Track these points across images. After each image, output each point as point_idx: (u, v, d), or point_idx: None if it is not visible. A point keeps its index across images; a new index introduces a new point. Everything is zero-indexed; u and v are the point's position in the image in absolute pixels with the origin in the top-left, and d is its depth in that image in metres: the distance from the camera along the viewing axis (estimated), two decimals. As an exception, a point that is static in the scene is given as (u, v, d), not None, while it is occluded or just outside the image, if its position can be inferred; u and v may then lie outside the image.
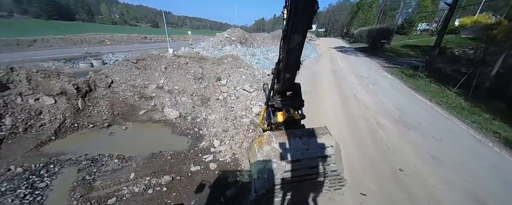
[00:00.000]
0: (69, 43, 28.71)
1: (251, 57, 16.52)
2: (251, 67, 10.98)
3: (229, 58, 10.55)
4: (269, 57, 16.10)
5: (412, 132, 6.34)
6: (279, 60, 3.05)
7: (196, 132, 5.69)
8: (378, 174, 4.40)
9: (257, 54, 17.70)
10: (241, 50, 17.97)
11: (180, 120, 6.00)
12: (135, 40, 40.45)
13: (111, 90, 6.77)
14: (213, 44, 19.98)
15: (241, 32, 23.77)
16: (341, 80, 12.62)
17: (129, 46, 30.56)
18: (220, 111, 6.17)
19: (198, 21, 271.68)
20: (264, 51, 18.34)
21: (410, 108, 8.42)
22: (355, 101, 8.85)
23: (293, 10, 2.09)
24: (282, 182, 2.73)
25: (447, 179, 4.34)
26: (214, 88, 7.83)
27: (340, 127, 6.26)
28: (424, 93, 10.74)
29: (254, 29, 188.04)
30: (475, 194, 4.00)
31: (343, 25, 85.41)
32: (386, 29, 28.47)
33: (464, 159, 5.11)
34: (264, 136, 2.98)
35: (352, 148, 5.29)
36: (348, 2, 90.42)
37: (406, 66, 18.86)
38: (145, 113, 6.18)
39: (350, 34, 59.16)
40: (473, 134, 6.47)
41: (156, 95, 6.82)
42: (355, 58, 22.96)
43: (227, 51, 17.67)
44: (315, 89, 10.18)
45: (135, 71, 7.50)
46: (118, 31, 47.71)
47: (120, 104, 6.34)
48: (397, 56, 25.65)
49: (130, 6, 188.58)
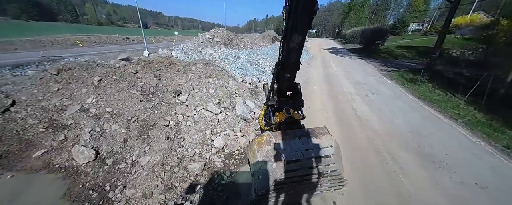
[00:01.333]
0: (38, 45, 25.87)
1: (234, 61, 14.54)
2: (228, 75, 8.96)
3: (199, 64, 8.50)
4: (254, 61, 14.13)
5: (444, 174, 4.46)
6: (279, 60, 2.86)
7: (104, 194, 3.37)
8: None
9: (241, 57, 15.71)
10: (224, 53, 15.94)
11: (92, 167, 3.76)
12: (115, 41, 37.69)
13: (7, 117, 4.63)
14: (194, 46, 17.85)
15: (226, 33, 21.71)
16: (336, 88, 10.77)
17: (106, 48, 27.98)
18: (161, 149, 4.11)
19: (190, 22, 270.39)
20: (249, 54, 16.35)
21: (426, 129, 6.60)
22: (357, 121, 6.97)
23: (293, 10, 2.09)
24: (282, 182, 2.69)
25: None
26: (168, 107, 5.75)
27: (345, 169, 3.75)
28: (433, 104, 9.01)
29: (246, 29, 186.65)
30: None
31: (335, 25, 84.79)
32: (381, 30, 27.05)
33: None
34: (263, 136, 2.93)
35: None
36: (339, 2, 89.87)
37: (404, 69, 17.29)
38: (43, 155, 3.93)
39: (342, 34, 58.17)
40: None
41: (73, 123, 4.67)
42: (349, 60, 21.30)
43: (208, 54, 15.61)
44: (306, 102, 8.21)
45: (53, 87, 5.32)
46: (100, 31, 44.72)
47: (10, 139, 4.21)
48: (392, 57, 24.21)
49: (120, 6, 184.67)
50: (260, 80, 10.74)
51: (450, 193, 3.94)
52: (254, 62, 13.93)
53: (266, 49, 22.26)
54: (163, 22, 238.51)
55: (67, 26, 71.92)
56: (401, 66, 19.07)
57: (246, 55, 16.15)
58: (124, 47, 29.06)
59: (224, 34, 21.17)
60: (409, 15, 44.84)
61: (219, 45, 19.60)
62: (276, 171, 2.64)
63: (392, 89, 11.27)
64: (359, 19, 50.84)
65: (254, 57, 15.31)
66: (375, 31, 26.93)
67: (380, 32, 26.50)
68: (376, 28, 28.16)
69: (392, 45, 31.14)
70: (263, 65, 13.62)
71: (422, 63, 19.58)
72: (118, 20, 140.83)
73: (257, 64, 13.55)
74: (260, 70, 12.04)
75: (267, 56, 16.33)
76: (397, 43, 32.90)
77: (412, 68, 17.47)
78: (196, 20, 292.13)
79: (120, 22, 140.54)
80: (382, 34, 26.35)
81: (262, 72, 11.92)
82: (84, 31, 45.21)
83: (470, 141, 6.04)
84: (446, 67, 17.12)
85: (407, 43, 33.46)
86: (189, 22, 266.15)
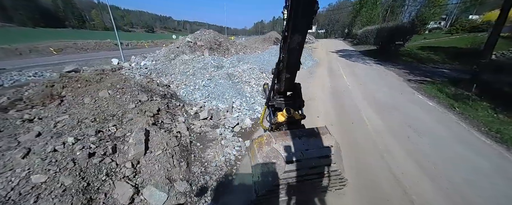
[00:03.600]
0: (11, 54, 23.46)
1: (214, 71, 11.01)
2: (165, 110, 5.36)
3: (103, 92, 4.92)
4: (236, 73, 10.43)
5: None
6: (279, 60, 2.86)
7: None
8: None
9: (225, 66, 12.14)
10: (204, 60, 12.44)
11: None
12: (105, 46, 35.16)
13: None
14: (166, 52, 14.41)
15: (212, 35, 18.18)
16: (352, 119, 6.86)
17: (83, 55, 25.21)
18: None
19: (198, 25, 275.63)
20: (234, 62, 12.68)
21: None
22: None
23: (293, 10, 2.05)
24: (282, 183, 2.65)
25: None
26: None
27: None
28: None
29: (253, 31, 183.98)
30: None
31: (344, 25, 79.80)
32: (403, 28, 22.55)
33: None
34: (263, 136, 2.90)
35: None
36: (348, 1, 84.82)
37: (438, 78, 13.04)
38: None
39: (352, 34, 53.48)
40: None
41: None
42: (364, 66, 17.13)
43: (180, 63, 12.14)
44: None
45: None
46: (97, 37, 42.62)
47: None
48: (417, 61, 19.81)
49: (131, 12, 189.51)
50: (234, 107, 7.02)
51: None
52: (236, 75, 10.23)
53: (260, 55, 18.48)
54: (172, 26, 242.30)
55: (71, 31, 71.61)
56: (432, 73, 14.79)
57: (230, 64, 12.53)
58: (106, 54, 26.13)
59: (210, 37, 17.65)
60: (429, 12, 39.69)
61: (203, 50, 16.09)
62: (276, 171, 2.59)
63: (440, 118, 7.21)
64: (372, 17, 46.06)
65: (239, 67, 11.61)
66: (395, 29, 22.47)
67: (401, 31, 22.04)
68: (397, 26, 23.64)
69: (414, 45, 26.51)
70: (247, 79, 9.89)
71: (462, 69, 15.23)
72: (124, 25, 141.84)
73: (238, 78, 9.82)
74: (237, 91, 8.28)
75: (257, 64, 12.60)
76: (418, 43, 28.21)
77: (448, 77, 13.21)
78: (204, 24, 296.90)
79: (127, 27, 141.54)
80: (404, 33, 21.88)
81: (239, 93, 8.14)
82: (83, 36, 43.43)
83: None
84: (492, 75, 12.71)
85: (430, 42, 28.75)
86: (198, 25, 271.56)
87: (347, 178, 3.09)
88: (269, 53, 18.68)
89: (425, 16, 38.58)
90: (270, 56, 16.49)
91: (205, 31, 18.36)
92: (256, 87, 9.44)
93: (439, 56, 21.50)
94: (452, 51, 22.29)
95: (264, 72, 11.65)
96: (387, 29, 24.07)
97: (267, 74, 11.50)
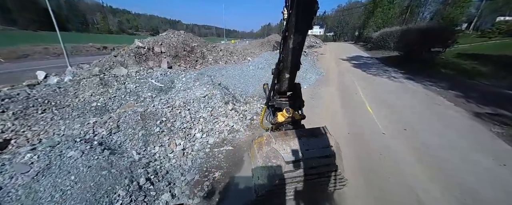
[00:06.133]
0: None
1: (155, 95, 6.52)
2: None
3: None
4: (165, 111, 5.77)
5: None
6: (280, 60, 2.85)
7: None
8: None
9: (175, 87, 7.63)
10: (150, 76, 7.94)
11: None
12: (85, 51, 31.39)
13: None
14: (104, 61, 9.94)
15: (182, 38, 13.63)
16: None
17: (47, 62, 21.10)
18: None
19: (206, 29, 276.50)
20: (193, 80, 8.00)
21: None
22: None
23: (293, 10, 2.05)
24: (282, 183, 2.61)
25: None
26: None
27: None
28: None
29: (260, 34, 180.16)
30: None
31: (354, 27, 74.19)
32: (438, 29, 17.22)
33: None
34: (263, 136, 2.84)
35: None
36: (359, 3, 79.18)
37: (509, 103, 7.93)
38: None
39: (364, 37, 48.03)
40: None
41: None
42: (393, 84, 12.01)
43: (96, 84, 7.64)
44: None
45: None
46: (97, 40, 39.68)
47: None
48: (461, 74, 14.58)
49: (142, 15, 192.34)
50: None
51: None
52: (164, 114, 5.54)
53: (247, 65, 13.70)
54: (181, 29, 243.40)
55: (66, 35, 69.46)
56: (497, 97, 9.63)
57: (184, 83, 7.95)
58: (89, 58, 21.90)
59: (178, 41, 13.10)
60: (457, 11, 33.98)
61: (161, 59, 11.52)
62: (276, 171, 2.56)
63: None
64: (388, 18, 40.67)
65: (191, 91, 6.92)
66: (429, 31, 17.10)
67: (438, 33, 16.67)
68: (434, 26, 18.21)
69: (448, 52, 21.11)
70: (186, 122, 5.19)
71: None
72: (129, 28, 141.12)
73: (166, 122, 5.12)
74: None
75: (232, 82, 7.94)
76: (453, 49, 22.77)
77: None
78: (211, 27, 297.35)
79: (131, 30, 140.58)
80: (443, 36, 16.53)
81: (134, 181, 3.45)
82: (73, 40, 40.27)
83: None
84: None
85: (464, 49, 23.22)
86: (206, 29, 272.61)
87: (347, 178, 2.94)
88: (259, 61, 13.88)
89: (452, 16, 32.89)
90: (256, 69, 11.71)
91: (173, 33, 13.85)
92: (207, 148, 4.69)
93: (486, 67, 16.14)
94: (502, 60, 16.83)
95: (236, 99, 6.92)
96: (414, 31, 18.80)
97: (241, 104, 6.78)
